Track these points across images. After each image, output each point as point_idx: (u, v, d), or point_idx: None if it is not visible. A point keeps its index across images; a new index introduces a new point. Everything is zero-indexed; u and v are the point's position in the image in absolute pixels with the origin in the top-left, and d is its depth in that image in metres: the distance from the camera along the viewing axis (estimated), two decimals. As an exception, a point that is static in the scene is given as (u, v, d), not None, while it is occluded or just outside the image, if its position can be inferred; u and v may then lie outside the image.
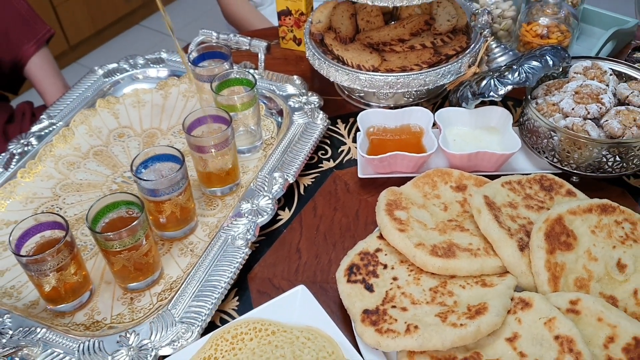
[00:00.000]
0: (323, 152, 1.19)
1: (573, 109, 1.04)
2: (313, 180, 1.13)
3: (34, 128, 1.20)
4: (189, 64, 1.16)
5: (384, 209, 0.96)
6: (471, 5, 1.30)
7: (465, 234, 0.94)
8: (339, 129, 1.23)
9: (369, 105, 1.26)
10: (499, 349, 0.81)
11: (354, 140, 1.20)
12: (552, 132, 1.03)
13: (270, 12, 1.84)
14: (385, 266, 0.92)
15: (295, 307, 0.89)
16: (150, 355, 0.84)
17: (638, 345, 0.79)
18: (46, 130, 1.20)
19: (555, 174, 1.03)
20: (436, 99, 1.28)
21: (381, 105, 1.25)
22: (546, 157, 1.07)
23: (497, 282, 0.88)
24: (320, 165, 1.16)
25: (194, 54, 1.19)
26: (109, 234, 0.86)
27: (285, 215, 1.08)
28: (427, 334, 0.80)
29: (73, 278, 0.90)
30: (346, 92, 1.30)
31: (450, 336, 0.79)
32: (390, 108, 1.24)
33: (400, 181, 1.06)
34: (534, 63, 1.08)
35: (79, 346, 0.86)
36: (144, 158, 0.98)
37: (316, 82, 1.33)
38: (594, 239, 0.90)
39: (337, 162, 1.16)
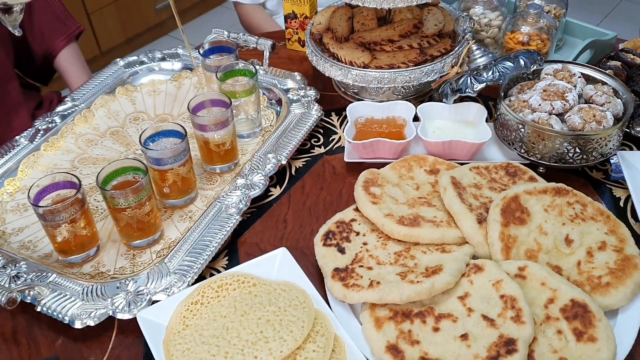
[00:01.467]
0: (316, 139, 1.30)
1: (540, 104, 1.15)
2: (304, 163, 1.25)
3: (59, 108, 1.34)
4: (200, 56, 1.30)
5: (362, 185, 1.07)
6: (460, 13, 1.41)
7: (431, 209, 1.05)
8: (332, 121, 1.35)
9: (362, 101, 1.38)
10: (450, 305, 0.91)
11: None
12: (520, 125, 1.14)
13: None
14: (357, 233, 1.03)
15: (275, 265, 1.00)
16: (145, 300, 0.96)
17: (574, 306, 0.88)
18: (69, 111, 1.34)
19: (523, 164, 1.14)
20: (423, 97, 1.39)
21: (374, 101, 1.37)
22: (515, 149, 1.17)
23: (455, 249, 0.98)
24: (312, 150, 1.28)
25: (205, 47, 1.32)
26: (115, 191, 0.99)
27: (276, 192, 1.19)
28: (387, 288, 0.90)
29: (82, 231, 1.02)
30: (342, 89, 1.42)
31: (407, 291, 0.90)
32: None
33: (382, 166, 1.16)
34: (508, 63, 1.19)
35: (83, 289, 0.98)
36: (152, 132, 1.11)
37: (316, 80, 1.45)
38: (546, 216, 1.00)
39: (327, 148, 1.28)
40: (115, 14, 3.24)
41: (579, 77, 1.22)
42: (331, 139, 1.31)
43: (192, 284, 0.99)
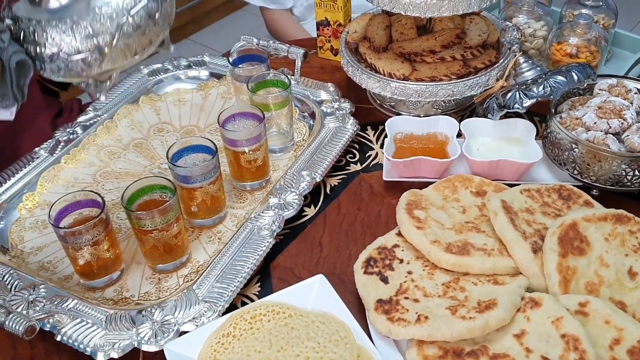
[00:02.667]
0: (351, 155, 1.23)
1: (595, 123, 1.07)
2: (339, 181, 1.18)
3: (80, 118, 1.28)
4: (229, 64, 1.23)
5: (404, 207, 1.00)
6: (504, 23, 1.34)
7: (480, 235, 0.97)
8: (368, 135, 1.28)
9: (399, 114, 1.31)
10: (506, 343, 0.84)
11: (382, 146, 1.24)
12: (573, 145, 1.06)
13: (312, 26, 1.90)
14: (401, 261, 0.95)
15: (312, 294, 0.93)
16: (173, 330, 0.89)
17: (643, 349, 0.80)
18: (91, 121, 1.27)
19: (576, 186, 1.06)
20: (464, 111, 1.31)
21: (411, 114, 1.30)
22: (567, 170, 1.09)
23: (509, 281, 0.90)
24: (347, 167, 1.21)
25: (234, 56, 1.25)
26: (141, 212, 0.92)
27: (311, 211, 1.12)
28: (437, 324, 0.83)
29: (106, 254, 0.96)
30: (378, 101, 1.35)
31: (458, 328, 0.82)
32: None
33: (424, 185, 1.09)
34: (560, 78, 1.11)
35: (106, 317, 0.91)
36: (180, 147, 1.04)
37: (350, 91, 1.38)
38: (606, 246, 0.92)
39: (364, 165, 1.21)
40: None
41: (635, 93, 1.13)
42: (367, 155, 1.23)
43: (223, 314, 0.92)
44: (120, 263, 1.00)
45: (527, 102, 1.11)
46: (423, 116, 1.28)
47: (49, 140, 1.22)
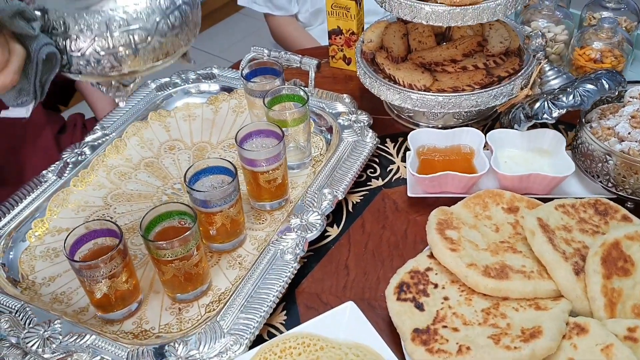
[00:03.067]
0: (372, 170, 1.18)
1: (629, 133, 1.03)
2: (362, 198, 1.13)
3: (88, 138, 1.23)
4: (242, 78, 1.18)
5: (435, 227, 0.95)
6: (523, 28, 1.29)
7: (517, 255, 0.92)
8: (388, 148, 1.23)
9: (417, 125, 1.26)
10: (553, 373, 0.79)
11: (403, 160, 1.20)
12: (607, 156, 1.02)
13: (318, 32, 1.86)
14: (435, 285, 0.91)
15: (343, 323, 0.88)
16: (199, 366, 0.84)
17: (699, 376, 0.76)
18: (99, 141, 1.22)
19: (610, 199, 1.01)
20: (486, 121, 1.27)
21: (430, 125, 1.25)
22: (600, 182, 1.05)
23: (551, 305, 0.86)
24: (369, 183, 1.16)
25: (246, 70, 1.20)
26: (161, 242, 0.87)
27: (334, 231, 1.07)
28: (480, 355, 0.79)
29: (124, 286, 0.91)
30: (395, 112, 1.30)
31: (503, 358, 0.78)
32: (439, 128, 1.24)
33: (450, 201, 1.05)
34: (589, 86, 1.07)
35: (127, 354, 0.86)
36: (197, 170, 0.99)
37: (365, 101, 1.33)
38: (652, 265, 0.88)
39: (385, 180, 1.16)
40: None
41: (668, 99, 1.09)
42: (389, 169, 1.18)
43: (250, 348, 0.87)
44: (139, 293, 0.95)
45: (557, 113, 1.06)
46: (442, 126, 1.24)
47: (57, 162, 1.17)
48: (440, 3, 1.06)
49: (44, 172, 1.15)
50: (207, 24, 3.67)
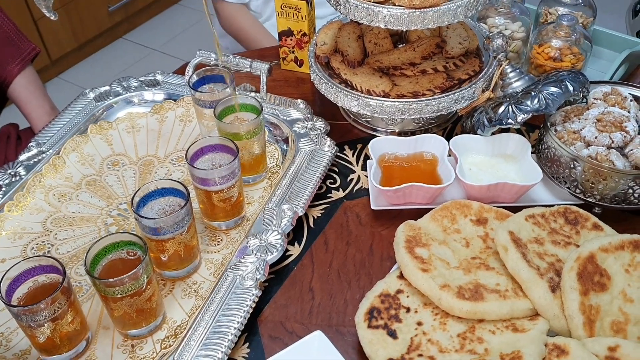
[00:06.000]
0: (331, 181, 1.12)
1: (596, 137, 1.00)
2: (322, 211, 1.07)
3: (22, 157, 1.13)
4: (189, 87, 1.10)
5: (404, 246, 0.90)
6: (481, 27, 1.25)
7: (491, 272, 0.88)
8: (347, 156, 1.17)
9: (375, 130, 1.21)
10: (535, 401, 0.75)
11: (363, 168, 1.14)
12: (574, 162, 0.99)
13: (270, 24, 1.78)
14: (408, 309, 0.86)
15: (312, 355, 0.83)
16: (157, 412, 0.77)
17: (684, 396, 0.74)
18: (35, 159, 1.12)
19: (577, 205, 0.98)
20: (447, 124, 1.22)
21: (388, 130, 1.20)
22: (567, 188, 1.02)
23: (528, 326, 0.82)
24: (329, 195, 1.10)
25: (194, 78, 1.12)
26: (109, 279, 0.79)
27: (295, 250, 1.01)
28: (459, 386, 0.74)
29: (70, 327, 0.82)
30: (352, 117, 1.24)
31: (484, 389, 0.74)
32: (398, 133, 1.20)
33: (415, 212, 1.00)
34: (553, 89, 1.03)
35: (77, 403, 0.79)
36: (145, 193, 0.91)
37: (320, 106, 1.27)
38: (628, 278, 0.85)
39: (346, 191, 1.10)
40: (65, 19, 2.97)
41: (631, 100, 1.07)
42: (349, 179, 1.13)
43: (213, 388, 0.80)
44: (86, 331, 0.87)
45: (522, 117, 1.03)
46: (401, 131, 1.20)
47: (-12, 186, 1.07)
48: (398, 5, 1.00)
49: (-27, 197, 1.05)
50: (145, 17, 3.52)
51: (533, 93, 1.04)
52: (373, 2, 1.01)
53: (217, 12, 1.80)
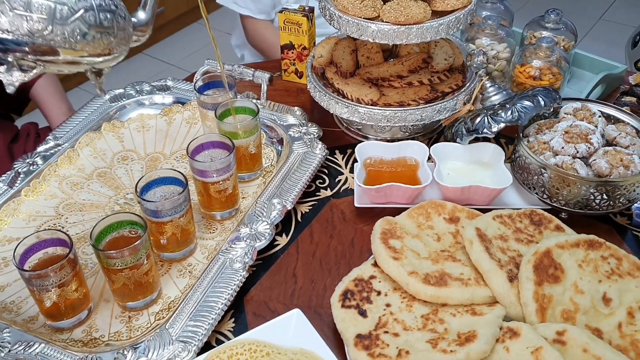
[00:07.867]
0: (321, 181, 1.22)
1: (563, 147, 1.08)
2: (310, 207, 1.16)
3: (40, 148, 1.23)
4: (195, 91, 1.20)
5: (379, 237, 0.99)
6: (467, 45, 1.35)
7: (457, 264, 0.97)
8: (337, 159, 1.27)
9: (366, 138, 1.30)
10: (487, 376, 0.83)
11: (351, 171, 1.24)
12: (542, 169, 1.07)
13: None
14: (378, 293, 0.94)
15: (289, 330, 0.91)
16: (147, 372, 0.86)
17: (621, 377, 0.81)
18: (52, 151, 1.23)
19: (545, 210, 1.07)
20: (432, 134, 1.32)
21: (378, 137, 1.29)
22: (536, 193, 1.11)
23: (486, 311, 0.90)
24: (318, 193, 1.19)
25: (200, 83, 1.23)
26: (111, 251, 0.89)
27: (283, 240, 1.11)
28: (418, 358, 0.82)
29: (74, 295, 0.92)
30: (345, 124, 1.34)
31: (440, 362, 0.82)
32: (387, 141, 1.28)
33: (396, 211, 1.09)
34: (526, 103, 1.12)
35: (76, 361, 0.88)
36: (148, 180, 1.01)
37: (316, 114, 1.37)
38: (580, 272, 0.93)
39: (334, 191, 1.20)
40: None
41: (600, 116, 1.16)
42: (337, 180, 1.22)
43: (198, 354, 0.89)
44: (89, 302, 0.97)
45: (496, 127, 1.12)
46: (390, 139, 1.28)
47: (8, 172, 1.17)
48: (385, 22, 1.10)
49: (-6, 181, 1.15)
50: (164, 34, 3.68)
51: (508, 106, 1.13)
52: (363, 18, 1.12)
53: (245, 27, 1.91)
